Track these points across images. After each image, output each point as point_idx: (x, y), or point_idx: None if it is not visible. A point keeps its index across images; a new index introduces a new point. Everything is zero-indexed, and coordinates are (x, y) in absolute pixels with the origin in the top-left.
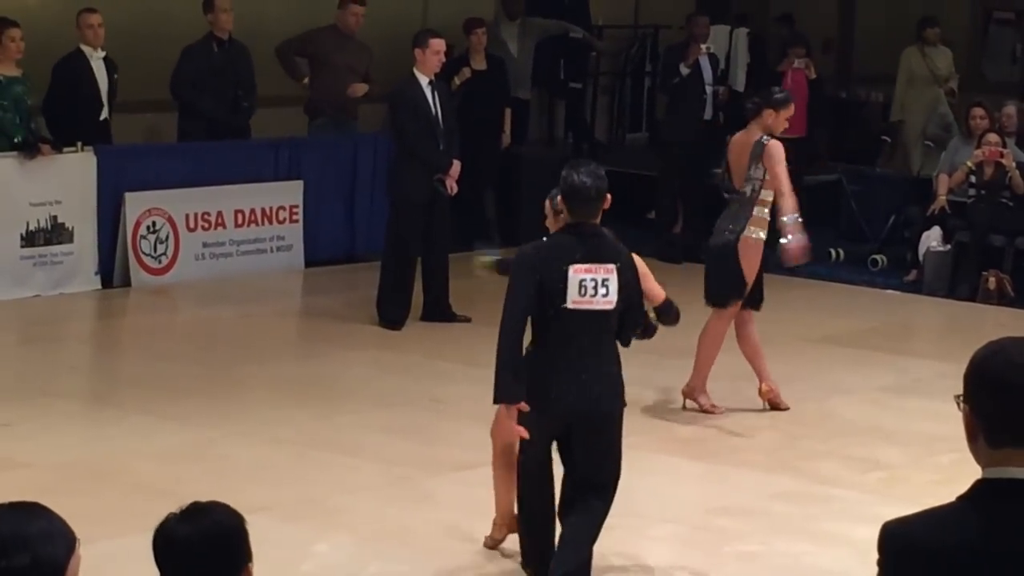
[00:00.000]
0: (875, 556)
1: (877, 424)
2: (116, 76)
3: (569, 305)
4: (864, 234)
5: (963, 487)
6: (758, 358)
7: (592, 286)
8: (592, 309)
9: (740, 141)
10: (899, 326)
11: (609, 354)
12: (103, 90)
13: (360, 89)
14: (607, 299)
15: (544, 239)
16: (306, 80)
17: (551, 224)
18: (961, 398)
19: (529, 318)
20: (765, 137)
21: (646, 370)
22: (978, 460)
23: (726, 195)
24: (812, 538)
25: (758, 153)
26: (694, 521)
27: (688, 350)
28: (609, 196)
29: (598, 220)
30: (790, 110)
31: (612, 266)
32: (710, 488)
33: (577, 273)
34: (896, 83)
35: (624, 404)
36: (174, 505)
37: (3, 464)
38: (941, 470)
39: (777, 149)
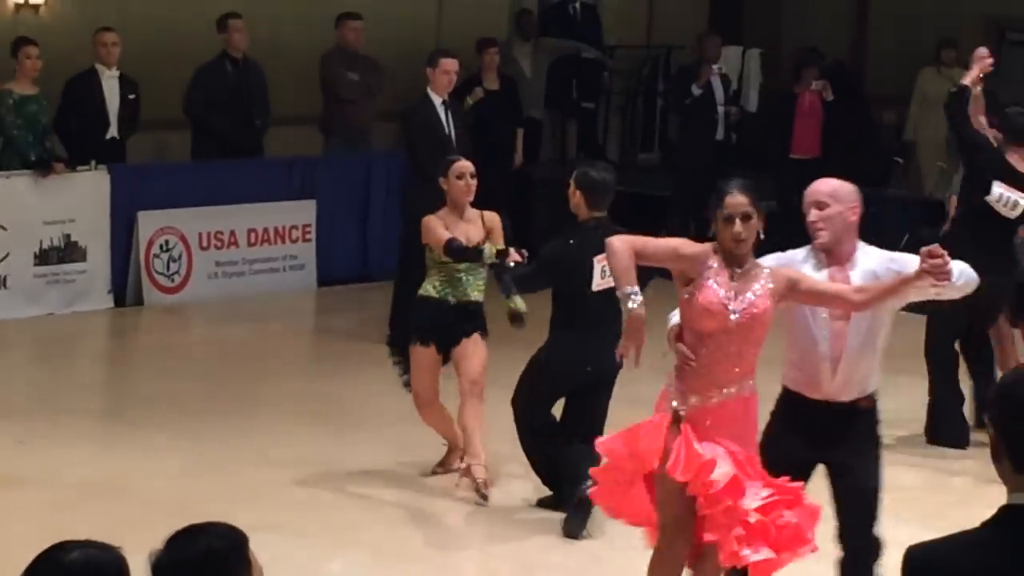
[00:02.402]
0: None
1: (888, 445)
2: (134, 96)
3: (594, 288)
4: None
5: (976, 508)
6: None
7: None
8: (609, 287)
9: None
10: (913, 347)
11: (617, 319)
12: (112, 109)
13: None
14: None
15: (570, 239)
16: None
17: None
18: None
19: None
20: None
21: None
22: (1004, 482)
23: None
24: (821, 557)
25: None
26: None
27: None
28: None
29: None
30: None
31: None
32: None
33: (600, 262)
34: (910, 104)
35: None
36: (186, 522)
37: (17, 481)
38: (955, 491)
39: None
